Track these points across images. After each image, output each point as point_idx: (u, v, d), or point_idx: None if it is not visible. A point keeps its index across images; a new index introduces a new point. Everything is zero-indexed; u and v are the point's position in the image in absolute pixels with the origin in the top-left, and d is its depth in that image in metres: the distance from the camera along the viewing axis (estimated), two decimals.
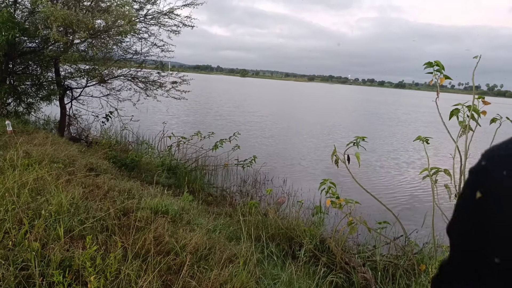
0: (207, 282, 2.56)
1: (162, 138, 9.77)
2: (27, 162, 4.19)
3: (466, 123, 3.73)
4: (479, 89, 64.18)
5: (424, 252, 4.43)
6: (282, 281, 3.18)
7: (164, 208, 3.77)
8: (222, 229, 4.02)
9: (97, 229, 2.93)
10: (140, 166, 7.23)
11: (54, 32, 7.12)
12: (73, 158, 5.21)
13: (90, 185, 4.11)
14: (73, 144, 6.84)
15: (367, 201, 5.35)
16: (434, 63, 3.82)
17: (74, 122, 10.31)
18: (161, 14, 9.19)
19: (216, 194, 7.66)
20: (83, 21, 7.20)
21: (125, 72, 9.90)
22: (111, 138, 9.14)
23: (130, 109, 10.19)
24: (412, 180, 10.29)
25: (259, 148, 13.04)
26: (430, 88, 4.52)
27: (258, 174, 9.08)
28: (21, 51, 8.68)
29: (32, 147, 5.13)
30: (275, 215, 4.97)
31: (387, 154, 13.35)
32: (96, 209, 3.32)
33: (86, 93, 10.23)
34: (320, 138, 16.83)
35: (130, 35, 8.98)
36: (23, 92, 9.10)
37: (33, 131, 6.85)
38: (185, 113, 20.73)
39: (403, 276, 3.90)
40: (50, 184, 3.55)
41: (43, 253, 2.36)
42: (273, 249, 3.99)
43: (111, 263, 2.32)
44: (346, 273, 4.02)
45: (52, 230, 2.68)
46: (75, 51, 8.57)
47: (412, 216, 6.92)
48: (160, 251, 2.81)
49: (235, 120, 19.54)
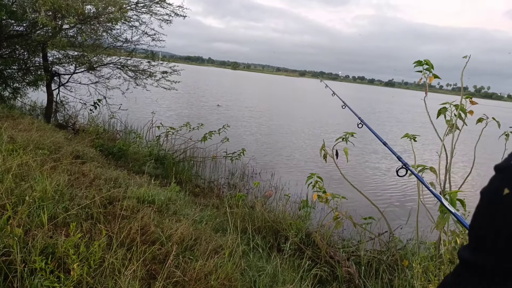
0: (192, 272, 2.56)
1: (150, 128, 9.68)
2: (11, 147, 4.12)
3: (453, 122, 3.78)
4: (467, 90, 64.67)
5: (408, 248, 4.49)
6: (267, 273, 3.19)
7: (151, 198, 3.74)
8: (209, 220, 4.02)
9: (81, 217, 2.89)
10: (127, 155, 7.16)
11: (42, 16, 6.98)
12: (59, 145, 5.14)
13: (76, 172, 4.06)
14: (59, 131, 6.73)
15: (354, 197, 5.40)
16: (424, 62, 3.85)
17: (61, 109, 10.13)
18: (153, 2, 9.06)
19: (204, 185, 7.64)
20: (72, 6, 7.06)
21: (114, 60, 9.75)
22: (99, 126, 9.00)
23: (118, 97, 10.07)
24: (399, 177, 10.39)
25: (249, 141, 13.04)
26: (419, 87, 4.56)
27: (246, 167, 9.09)
28: (8, 34, 8.48)
29: (17, 133, 5.04)
30: (262, 208, 4.98)
31: (379, 152, 13.48)
32: (81, 196, 3.28)
33: (74, 80, 10.06)
34: (311, 135, 16.88)
35: (121, 23, 8.83)
36: (9, 77, 8.91)
37: (18, 117, 6.73)
38: (181, 106, 20.55)
39: (386, 271, 3.95)
40: (35, 170, 3.49)
41: (25, 240, 2.32)
42: (258, 242, 4.00)
43: (95, 251, 2.29)
44: (331, 267, 4.06)
45: (36, 216, 2.64)
46: (63, 36, 8.41)
47: (397, 213, 7.01)
48: (145, 241, 2.79)
49: (231, 115, 19.36)
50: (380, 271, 3.95)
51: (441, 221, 3.07)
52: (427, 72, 3.88)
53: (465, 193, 3.20)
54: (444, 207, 2.79)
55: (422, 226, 4.23)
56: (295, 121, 21.14)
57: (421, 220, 4.10)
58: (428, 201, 4.06)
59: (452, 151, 3.82)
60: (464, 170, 10.00)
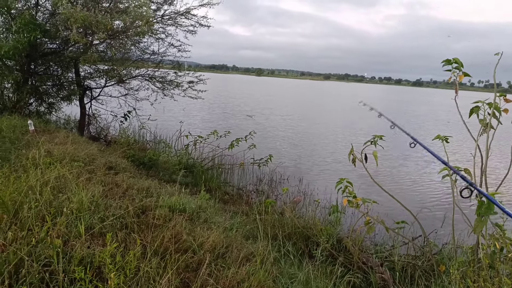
0: (224, 280, 2.58)
1: (179, 137, 9.86)
2: (48, 160, 4.29)
3: (487, 121, 3.65)
4: (500, 86, 62.22)
5: (444, 253, 4.35)
6: (299, 280, 3.17)
7: (182, 206, 3.81)
8: (239, 228, 4.04)
9: (116, 227, 2.98)
10: (157, 164, 7.32)
11: (74, 33, 7.28)
12: (93, 157, 5.31)
13: (110, 183, 4.18)
14: (92, 143, 6.96)
15: (385, 201, 5.29)
16: (453, 60, 3.75)
17: (94, 122, 10.51)
18: (178, 14, 9.28)
19: (233, 192, 7.69)
20: (102, 22, 7.33)
21: (142, 72, 10.05)
22: (130, 137, 9.25)
23: (147, 108, 10.33)
24: (432, 180, 10.12)
25: (276, 147, 13.03)
26: (449, 86, 4.44)
27: (274, 173, 9.09)
28: (43, 52, 8.89)
29: (54, 146, 5.25)
30: (292, 214, 4.96)
31: (409, 155, 13.18)
32: (115, 207, 3.37)
33: (105, 93, 10.43)
34: (341, 140, 16.68)
35: (148, 36, 9.10)
36: (45, 92, 9.32)
37: (54, 131, 7.01)
38: (211, 115, 20.62)
39: (421, 277, 3.84)
40: (71, 182, 3.62)
41: (65, 250, 2.41)
42: (289, 248, 3.98)
43: (131, 260, 2.35)
44: (364, 273, 3.99)
45: (74, 227, 2.74)
46: (94, 51, 8.74)
47: (431, 217, 6.81)
48: (178, 249, 2.84)
49: (258, 122, 19.18)
50: (415, 277, 3.84)
51: (479, 224, 2.97)
52: (456, 70, 3.78)
53: (503, 195, 3.08)
54: (481, 210, 2.70)
55: (458, 229, 4.09)
56: (323, 126, 20.94)
57: (457, 223, 3.96)
58: (463, 204, 3.93)
59: (487, 151, 3.68)
60: (499, 171, 9.61)
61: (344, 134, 17.62)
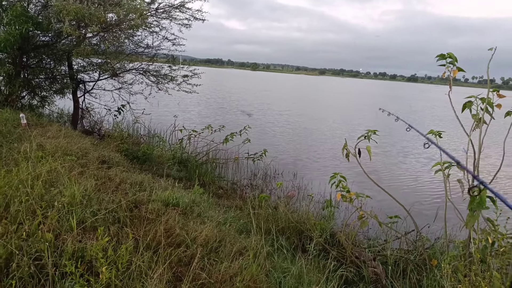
0: (217, 274, 2.58)
1: (173, 132, 9.82)
2: (40, 154, 4.26)
3: (479, 116, 3.66)
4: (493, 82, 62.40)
5: (436, 247, 4.39)
6: (292, 274, 3.18)
7: (175, 201, 3.80)
8: (232, 222, 4.04)
9: (109, 221, 2.96)
10: (151, 159, 7.29)
11: (66, 26, 7.19)
12: (86, 151, 5.27)
13: (103, 177, 4.16)
14: (86, 137, 6.91)
15: (379, 196, 5.31)
16: (447, 55, 3.75)
17: (87, 115, 10.41)
18: (172, 7, 9.19)
19: (227, 187, 7.69)
20: (95, 15, 7.24)
21: (136, 66, 9.96)
22: (123, 131, 9.18)
23: (142, 102, 10.26)
24: (424, 175, 10.18)
25: (273, 143, 13.03)
26: (443, 81, 4.45)
27: (268, 168, 9.09)
28: (35, 45, 8.78)
29: (46, 140, 5.20)
30: (285, 208, 4.97)
31: (404, 150, 13.24)
32: (108, 201, 3.35)
33: (99, 87, 10.33)
34: (337, 136, 16.71)
35: (142, 29, 9.01)
36: (37, 86, 9.21)
37: (46, 124, 6.94)
38: (215, 112, 20.47)
39: (413, 271, 3.87)
40: (63, 176, 3.60)
41: (56, 244, 2.40)
42: (283, 242, 3.99)
43: (123, 255, 2.34)
44: (357, 267, 4.01)
45: (65, 221, 2.72)
46: (87, 44, 8.64)
47: (423, 211, 6.85)
48: (171, 243, 2.83)
49: (253, 118, 19.14)
50: (407, 271, 3.88)
51: (470, 219, 2.99)
52: (450, 65, 3.78)
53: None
54: (473, 205, 2.71)
55: (450, 224, 4.12)
56: (320, 122, 20.95)
57: (449, 218, 3.99)
58: (456, 199, 3.95)
59: (480, 146, 3.70)
60: (492, 166, 9.67)
61: (342, 130, 17.64)
